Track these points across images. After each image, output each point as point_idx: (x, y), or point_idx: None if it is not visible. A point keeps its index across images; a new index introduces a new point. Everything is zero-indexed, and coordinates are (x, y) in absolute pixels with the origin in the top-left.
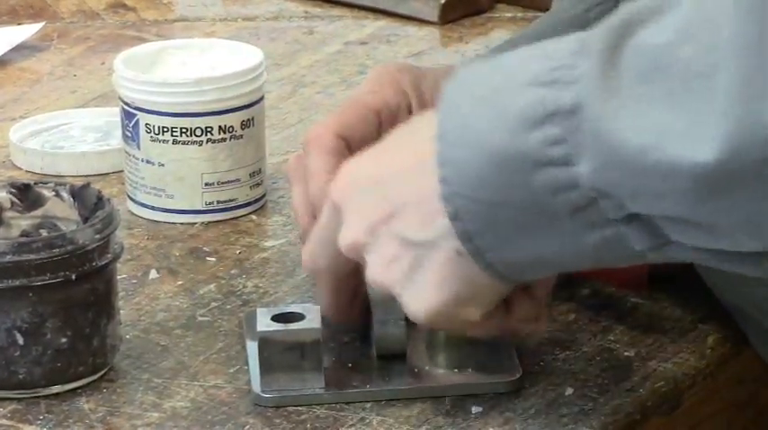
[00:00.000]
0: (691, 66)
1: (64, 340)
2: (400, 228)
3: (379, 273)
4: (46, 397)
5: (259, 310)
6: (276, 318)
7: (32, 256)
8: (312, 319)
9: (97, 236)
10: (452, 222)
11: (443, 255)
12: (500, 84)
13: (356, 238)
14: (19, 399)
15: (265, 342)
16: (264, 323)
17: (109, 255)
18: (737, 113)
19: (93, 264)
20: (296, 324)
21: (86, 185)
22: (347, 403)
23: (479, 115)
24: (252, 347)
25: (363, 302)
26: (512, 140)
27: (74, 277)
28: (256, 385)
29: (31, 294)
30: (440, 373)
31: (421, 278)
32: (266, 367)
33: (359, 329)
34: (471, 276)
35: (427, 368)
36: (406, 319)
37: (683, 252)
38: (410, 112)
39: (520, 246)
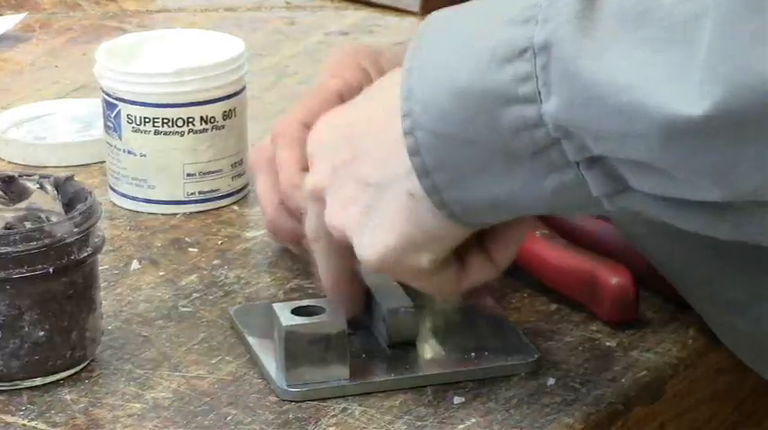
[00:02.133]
0: (674, 13)
1: (42, 333)
2: (359, 169)
3: (335, 215)
4: (28, 388)
5: (276, 305)
6: (295, 313)
7: (10, 249)
8: (335, 311)
9: (76, 229)
10: (411, 158)
11: (397, 197)
12: (473, 22)
13: (318, 181)
14: (1, 391)
15: (291, 335)
16: (287, 317)
17: (89, 249)
18: (720, 66)
19: (72, 257)
20: (321, 316)
21: (70, 178)
22: (371, 393)
23: (450, 52)
24: (260, 343)
25: (363, 287)
26: (480, 76)
27: (52, 270)
28: (280, 380)
29: (8, 287)
30: (459, 359)
31: (374, 221)
32: (291, 361)
33: (360, 320)
34: (424, 219)
35: (443, 354)
36: (415, 306)
37: (639, 200)
38: None
39: (477, 185)
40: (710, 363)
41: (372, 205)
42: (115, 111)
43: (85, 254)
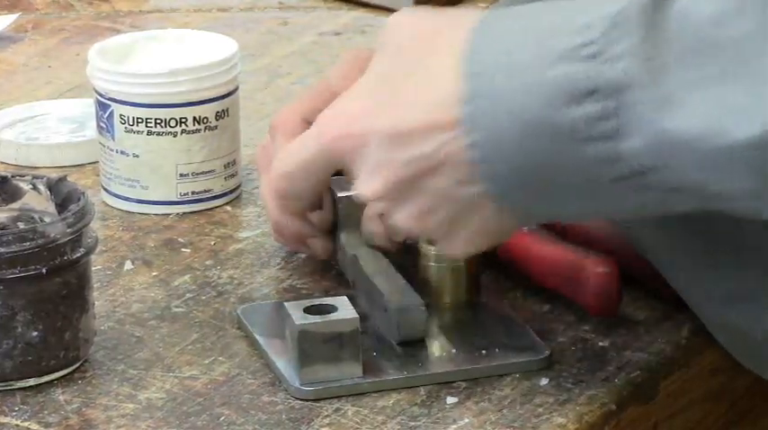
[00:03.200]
0: (744, 45)
1: (35, 334)
2: (435, 184)
3: (412, 222)
4: (21, 388)
5: (288, 305)
6: (308, 311)
7: (3, 250)
8: (347, 309)
9: (69, 229)
10: (485, 184)
11: (481, 211)
12: (530, 51)
13: (381, 192)
14: None
15: (305, 334)
16: (300, 316)
17: (81, 249)
18: None
19: (65, 257)
20: (334, 314)
21: (63, 178)
22: (383, 391)
23: (511, 83)
24: (269, 342)
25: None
26: (550, 113)
27: (45, 271)
28: (292, 378)
29: (1, 287)
30: (469, 356)
31: (461, 230)
32: (305, 359)
33: (365, 318)
34: (510, 222)
35: (454, 351)
36: (425, 304)
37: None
38: None
39: (554, 207)
40: (704, 363)
41: (456, 217)
42: (108, 112)
43: (78, 254)
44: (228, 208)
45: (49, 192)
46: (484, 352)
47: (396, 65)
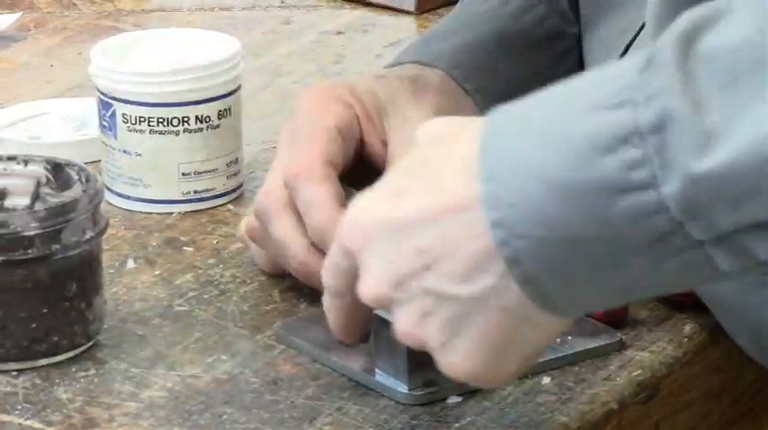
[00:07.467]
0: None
1: None
2: (435, 281)
3: (410, 328)
4: (23, 387)
5: (380, 313)
6: None
7: None
8: None
9: (36, 224)
10: (511, 267)
11: (486, 313)
12: (554, 113)
13: (382, 292)
14: None
15: None
16: None
17: (56, 246)
18: None
19: (30, 251)
20: None
21: (91, 174)
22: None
23: (534, 147)
24: (340, 355)
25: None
26: (580, 169)
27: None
28: (398, 385)
29: None
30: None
31: (460, 337)
32: (413, 365)
33: None
34: (520, 332)
35: None
36: None
37: None
38: (359, 122)
39: (589, 283)
40: (706, 362)
41: (456, 321)
42: (110, 111)
43: (50, 250)
44: (231, 206)
45: (82, 184)
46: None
47: (416, 158)
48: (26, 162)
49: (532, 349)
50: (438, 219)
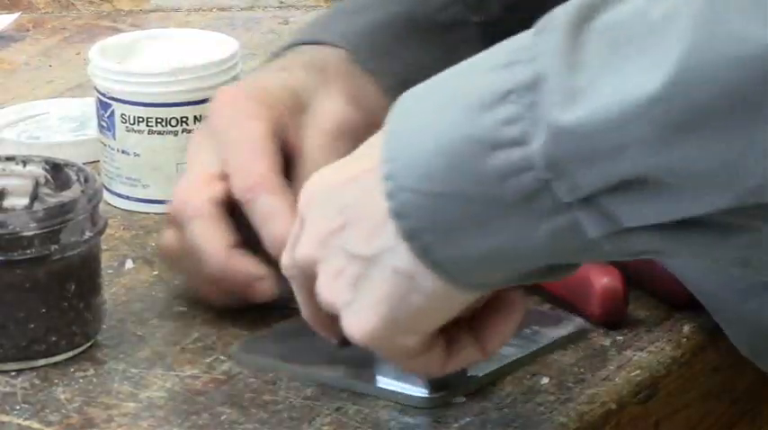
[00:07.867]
0: (654, 21)
1: None
2: (348, 240)
3: (325, 288)
4: (22, 387)
5: None
6: None
7: None
8: None
9: (35, 224)
10: (396, 221)
11: (382, 273)
12: (456, 75)
13: (308, 252)
14: None
15: None
16: None
17: (55, 247)
18: (694, 34)
19: (29, 251)
20: None
21: (89, 174)
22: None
23: (431, 109)
24: (341, 369)
25: None
26: (462, 125)
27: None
28: (416, 390)
29: None
30: (523, 341)
31: (360, 298)
32: None
33: None
34: (410, 296)
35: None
36: None
37: (639, 239)
38: (287, 124)
39: (469, 240)
40: (705, 362)
41: (359, 279)
42: (109, 111)
43: (49, 251)
44: None
45: (81, 185)
46: (528, 331)
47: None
48: (25, 162)
49: (428, 320)
50: (359, 178)
